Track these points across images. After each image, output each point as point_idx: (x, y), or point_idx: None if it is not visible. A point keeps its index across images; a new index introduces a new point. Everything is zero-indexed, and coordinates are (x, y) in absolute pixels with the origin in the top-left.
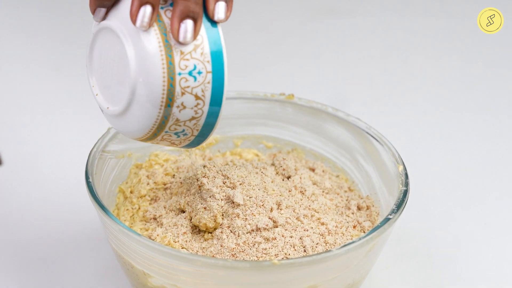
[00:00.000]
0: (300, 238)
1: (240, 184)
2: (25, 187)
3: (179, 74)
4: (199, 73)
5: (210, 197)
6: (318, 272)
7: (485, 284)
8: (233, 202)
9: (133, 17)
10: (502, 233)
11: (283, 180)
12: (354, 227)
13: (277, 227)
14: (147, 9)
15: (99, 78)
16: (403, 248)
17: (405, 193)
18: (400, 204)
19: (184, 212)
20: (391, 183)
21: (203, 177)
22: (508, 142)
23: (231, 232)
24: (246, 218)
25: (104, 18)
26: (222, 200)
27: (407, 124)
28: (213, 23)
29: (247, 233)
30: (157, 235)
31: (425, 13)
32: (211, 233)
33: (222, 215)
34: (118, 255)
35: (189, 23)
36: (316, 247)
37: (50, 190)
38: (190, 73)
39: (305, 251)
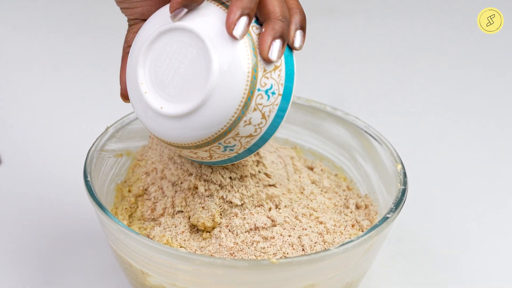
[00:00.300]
0: (299, 237)
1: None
2: (23, 186)
3: (258, 90)
4: (273, 93)
5: (208, 196)
6: (316, 271)
7: (484, 283)
8: (231, 202)
9: (232, 25)
10: (500, 231)
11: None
12: (353, 226)
13: (275, 226)
14: (245, 20)
15: (152, 76)
16: (401, 247)
17: (404, 192)
18: (398, 203)
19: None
20: (389, 182)
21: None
22: (507, 141)
23: (230, 231)
24: (244, 217)
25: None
26: (220, 199)
27: (406, 123)
28: (290, 49)
29: (245, 232)
30: (156, 234)
31: (425, 13)
32: (209, 232)
33: (220, 214)
34: (116, 254)
35: (279, 43)
36: (314, 246)
37: (49, 189)
38: (266, 92)
39: (303, 250)
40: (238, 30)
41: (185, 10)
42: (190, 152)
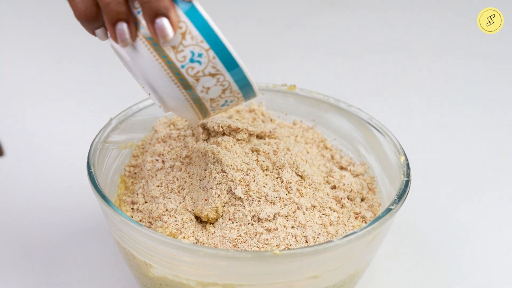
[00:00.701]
0: (302, 229)
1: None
2: (26, 178)
3: (182, 67)
4: (200, 55)
5: (211, 188)
6: (319, 263)
7: (487, 275)
8: (235, 194)
9: (114, 39)
10: (504, 223)
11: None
12: (356, 217)
13: (279, 217)
14: (123, 27)
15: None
16: (404, 239)
17: (407, 183)
18: (401, 195)
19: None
20: (392, 173)
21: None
22: (510, 133)
23: (233, 222)
24: (248, 209)
25: (107, 35)
26: (223, 191)
27: (409, 115)
28: (187, 2)
29: (248, 223)
30: (159, 225)
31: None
32: (213, 224)
33: (224, 206)
34: (119, 246)
35: (162, 20)
36: (317, 237)
37: (52, 181)
38: (192, 61)
39: (306, 241)
40: (120, 40)
41: (99, 30)
42: (216, 114)
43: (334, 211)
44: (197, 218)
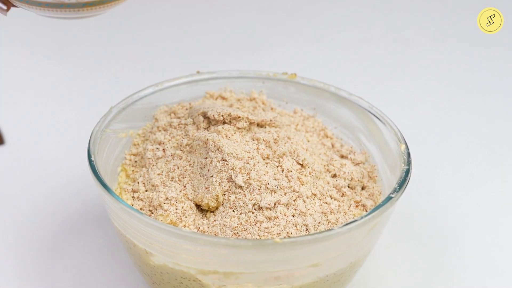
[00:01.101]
0: (302, 217)
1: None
2: (27, 166)
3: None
4: None
5: (211, 176)
6: (320, 251)
7: (488, 263)
8: (235, 183)
9: None
10: (505, 211)
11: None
12: (357, 206)
13: (279, 206)
14: None
15: None
16: (405, 227)
17: (407, 172)
18: (402, 183)
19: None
20: (393, 162)
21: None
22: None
23: (234, 211)
24: (248, 197)
25: None
26: (224, 179)
27: (410, 104)
28: None
29: (249, 212)
30: (160, 214)
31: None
32: (213, 212)
33: (224, 194)
34: (120, 234)
35: None
36: (318, 225)
37: (52, 170)
38: None
39: (307, 230)
40: None
41: None
42: None
43: (334, 200)
44: (198, 206)
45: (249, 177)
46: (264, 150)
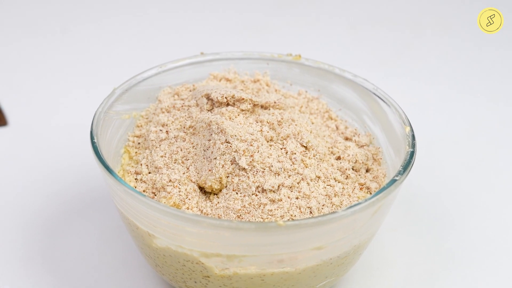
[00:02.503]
0: (306, 200)
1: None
2: (30, 148)
3: None
4: None
5: (215, 158)
6: (324, 234)
7: (492, 245)
8: (239, 165)
9: None
10: (509, 194)
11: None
12: (361, 188)
13: (283, 188)
14: None
15: None
16: (410, 210)
17: (412, 154)
18: (406, 166)
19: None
20: (397, 144)
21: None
22: None
23: (237, 193)
24: (252, 180)
25: None
26: (227, 161)
27: (415, 85)
28: None
29: (252, 194)
30: (163, 196)
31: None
32: (216, 194)
33: (228, 176)
34: (123, 216)
35: None
36: (322, 208)
37: (55, 151)
38: None
39: (311, 212)
40: None
41: None
42: None
43: (338, 182)
44: (201, 188)
45: (252, 159)
46: (268, 132)
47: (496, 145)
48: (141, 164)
